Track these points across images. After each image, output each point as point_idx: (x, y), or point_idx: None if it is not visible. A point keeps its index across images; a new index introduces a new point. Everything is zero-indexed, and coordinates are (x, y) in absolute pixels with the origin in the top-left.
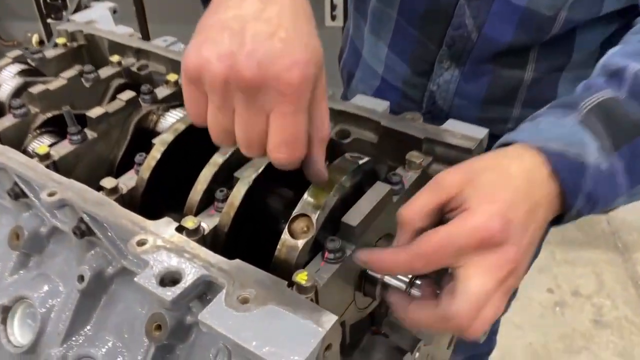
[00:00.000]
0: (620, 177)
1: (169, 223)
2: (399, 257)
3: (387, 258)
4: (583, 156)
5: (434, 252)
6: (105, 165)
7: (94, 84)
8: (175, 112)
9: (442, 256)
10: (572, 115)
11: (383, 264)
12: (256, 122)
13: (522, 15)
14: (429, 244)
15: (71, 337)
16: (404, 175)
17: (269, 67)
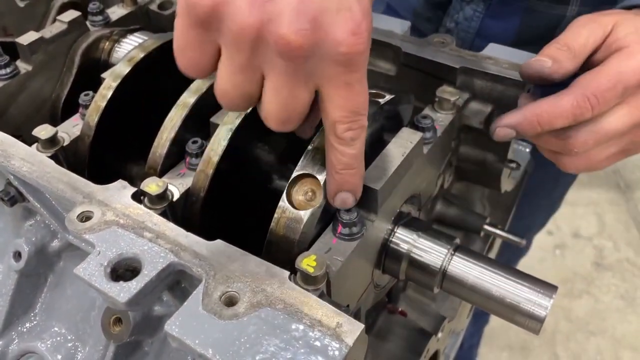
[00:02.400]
0: None
1: (123, 188)
2: (563, 103)
3: (547, 109)
4: None
5: (605, 92)
6: (47, 108)
7: (30, 2)
8: (133, 37)
9: (612, 96)
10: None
11: (543, 118)
12: (301, 93)
13: None
14: (598, 83)
15: (11, 328)
16: (435, 117)
17: (327, 29)
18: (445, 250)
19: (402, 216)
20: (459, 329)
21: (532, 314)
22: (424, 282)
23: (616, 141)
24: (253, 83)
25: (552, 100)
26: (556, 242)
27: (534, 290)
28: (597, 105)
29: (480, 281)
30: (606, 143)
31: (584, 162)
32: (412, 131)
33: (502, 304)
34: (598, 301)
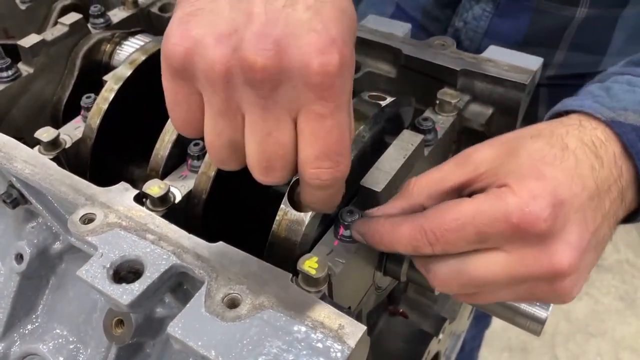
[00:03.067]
0: None
1: (126, 190)
2: (402, 229)
3: (388, 231)
4: (623, 105)
5: (449, 231)
6: (48, 110)
7: (31, 5)
8: (135, 40)
9: (458, 238)
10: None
11: (383, 237)
12: (278, 131)
13: None
14: (444, 217)
15: (13, 330)
16: (436, 119)
17: (292, 50)
18: None
19: None
20: (460, 331)
21: (533, 316)
22: (425, 284)
23: (501, 290)
24: (236, 128)
25: (394, 222)
26: None
27: None
28: (437, 244)
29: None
30: (481, 290)
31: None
32: (413, 133)
33: (503, 305)
34: (598, 302)
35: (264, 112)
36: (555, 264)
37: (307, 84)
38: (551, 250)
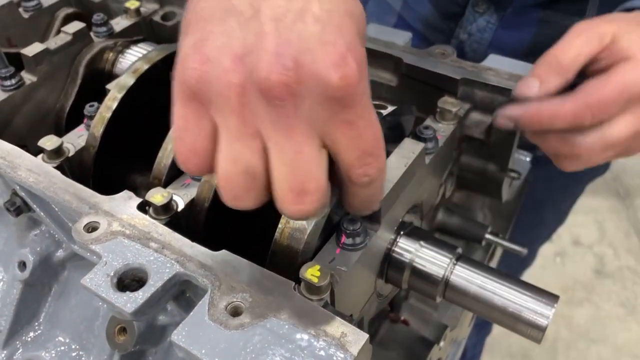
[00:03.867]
0: None
1: (129, 198)
2: (565, 108)
3: (549, 110)
4: None
5: (607, 102)
6: (51, 118)
7: (34, 14)
8: (137, 48)
9: (614, 106)
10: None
11: (543, 118)
12: (308, 150)
13: None
14: (601, 92)
15: (15, 338)
16: (437, 127)
17: (309, 66)
18: (448, 260)
19: (405, 226)
20: (461, 338)
21: (534, 323)
22: (426, 291)
23: (616, 147)
24: (254, 153)
25: (555, 102)
26: (557, 250)
27: (536, 299)
28: (598, 114)
29: (483, 290)
30: (608, 149)
31: (583, 164)
32: (414, 142)
33: (504, 313)
34: (599, 309)
35: (290, 131)
36: None
37: (330, 98)
38: None
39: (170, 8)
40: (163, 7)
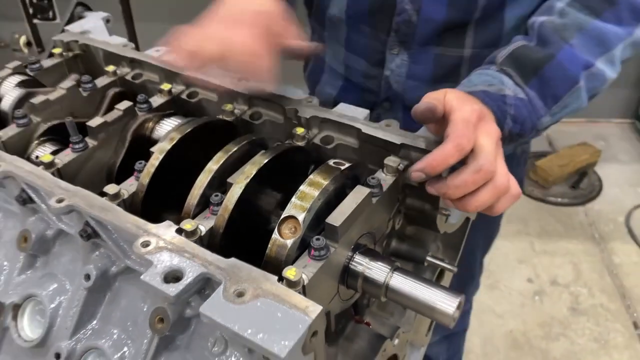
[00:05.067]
0: (536, 101)
1: (170, 226)
2: (447, 148)
3: (438, 155)
4: (503, 90)
5: (465, 132)
6: (105, 171)
7: (91, 93)
8: (169, 120)
9: (470, 132)
10: (492, 66)
11: (438, 160)
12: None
13: None
14: (458, 128)
15: (79, 331)
16: (382, 178)
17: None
18: (388, 270)
19: (360, 246)
20: (419, 344)
21: (445, 311)
22: (374, 293)
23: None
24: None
25: (440, 148)
26: (536, 289)
27: (447, 295)
28: (469, 142)
29: (411, 290)
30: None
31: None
32: (364, 188)
33: (425, 305)
34: (574, 343)
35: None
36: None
37: None
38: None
39: (193, 89)
40: (188, 88)
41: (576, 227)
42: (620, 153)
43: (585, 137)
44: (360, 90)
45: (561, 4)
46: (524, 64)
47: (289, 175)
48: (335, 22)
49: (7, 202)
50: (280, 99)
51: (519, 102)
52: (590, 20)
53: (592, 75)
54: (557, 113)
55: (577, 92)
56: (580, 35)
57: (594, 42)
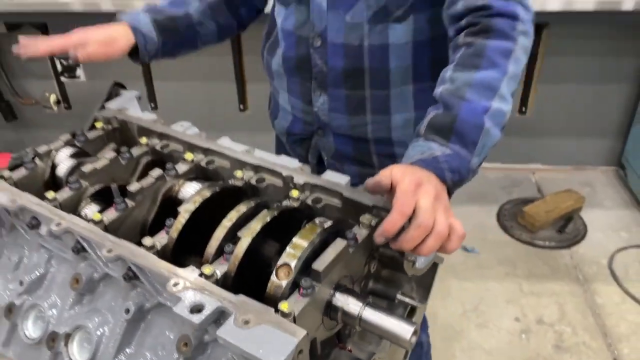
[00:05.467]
0: (461, 152)
1: (193, 270)
2: (393, 216)
3: (389, 223)
4: (433, 153)
5: (405, 200)
6: (139, 226)
7: (128, 161)
8: (192, 184)
9: (410, 200)
10: (420, 139)
11: (390, 228)
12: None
13: (344, 49)
14: (399, 198)
15: (119, 355)
16: (357, 232)
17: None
18: (361, 305)
19: (340, 286)
20: None
21: (403, 337)
22: (350, 323)
23: (435, 211)
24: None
25: (389, 217)
26: (522, 328)
27: (405, 324)
28: (409, 206)
29: (378, 320)
30: (435, 208)
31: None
32: (342, 240)
33: (388, 332)
34: None
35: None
36: (432, 189)
37: None
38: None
39: (211, 157)
40: (207, 156)
41: (562, 269)
42: (605, 199)
43: (572, 184)
44: (302, 122)
45: (449, 72)
46: (440, 128)
47: (286, 229)
48: (279, 75)
49: (62, 251)
50: (280, 168)
51: (449, 157)
52: (473, 76)
53: (493, 115)
54: (480, 153)
55: (487, 132)
56: (471, 90)
57: (483, 90)
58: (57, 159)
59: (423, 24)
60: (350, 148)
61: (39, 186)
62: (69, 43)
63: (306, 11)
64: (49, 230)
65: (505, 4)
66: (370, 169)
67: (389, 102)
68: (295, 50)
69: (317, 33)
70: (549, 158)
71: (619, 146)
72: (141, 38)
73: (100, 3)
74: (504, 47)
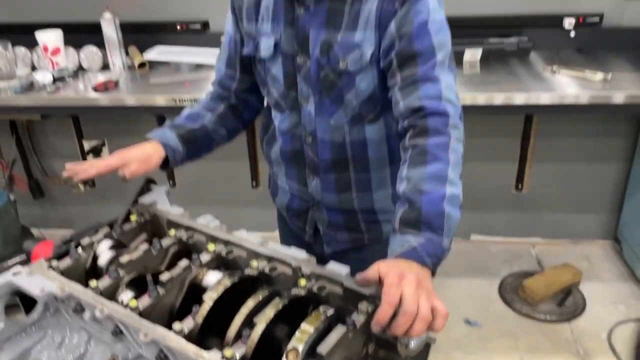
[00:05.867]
0: (433, 237)
1: (217, 353)
2: (383, 308)
3: (381, 314)
4: (411, 245)
5: (392, 292)
6: (168, 310)
7: (158, 252)
8: (214, 272)
9: (395, 291)
10: (397, 234)
11: (382, 318)
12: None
13: (331, 144)
14: (386, 291)
15: None
16: (356, 319)
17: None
18: None
19: None
20: None
21: None
22: None
23: (419, 299)
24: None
25: (380, 308)
26: None
27: None
28: (396, 297)
29: None
30: (418, 296)
31: (419, 323)
32: (342, 327)
33: None
34: None
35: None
36: (414, 279)
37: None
38: (410, 277)
39: (230, 247)
40: (227, 247)
41: (562, 343)
42: (603, 272)
43: (570, 257)
44: (299, 199)
45: (404, 172)
46: (410, 222)
47: (295, 314)
48: (278, 163)
49: (100, 332)
50: (290, 259)
51: (424, 245)
52: (424, 171)
53: (450, 200)
54: (448, 234)
55: (449, 216)
56: (426, 183)
57: (435, 180)
58: (98, 250)
59: (391, 121)
60: (341, 218)
61: (81, 274)
62: (112, 164)
63: (298, 116)
64: (92, 315)
65: (437, 104)
66: (359, 233)
67: (370, 182)
68: (291, 145)
69: (308, 132)
70: (547, 232)
71: (614, 220)
72: (171, 151)
73: (125, 99)
74: (441, 142)
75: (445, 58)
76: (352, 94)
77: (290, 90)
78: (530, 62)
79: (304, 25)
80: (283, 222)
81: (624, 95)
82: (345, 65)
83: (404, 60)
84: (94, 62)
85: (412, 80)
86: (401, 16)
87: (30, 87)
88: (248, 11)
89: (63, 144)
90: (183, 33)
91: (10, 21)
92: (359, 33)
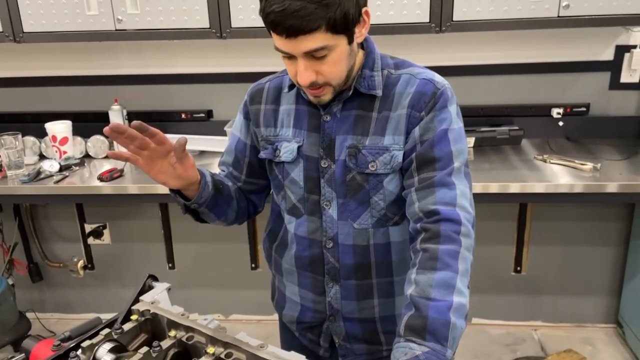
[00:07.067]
0: (436, 347)
1: None
2: None
3: None
4: (414, 352)
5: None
6: None
7: (158, 354)
8: None
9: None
10: (402, 340)
11: None
12: None
13: (353, 248)
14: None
15: None
16: None
17: None
18: None
19: None
20: None
21: None
22: None
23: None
24: None
25: None
26: None
27: None
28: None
29: None
30: None
31: None
32: None
33: None
34: None
35: None
36: None
37: None
38: None
39: (230, 350)
40: (226, 349)
41: None
42: (607, 358)
43: (573, 341)
44: (312, 311)
45: (413, 275)
46: (415, 329)
47: None
48: (289, 271)
49: None
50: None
51: (427, 354)
52: (433, 277)
53: (456, 309)
54: (452, 346)
55: (454, 326)
56: (434, 290)
57: (443, 288)
58: (97, 353)
59: None
60: (359, 329)
61: None
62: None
63: (318, 220)
64: None
65: (451, 210)
66: (378, 346)
67: (393, 287)
68: (309, 251)
69: (329, 237)
70: (548, 315)
71: (615, 304)
72: (204, 182)
73: (127, 188)
74: (452, 250)
75: (462, 165)
76: (379, 196)
77: (311, 194)
78: (522, 149)
79: (330, 131)
80: (289, 335)
81: (616, 184)
82: (375, 168)
83: (424, 163)
84: (100, 151)
85: (429, 183)
86: (425, 123)
87: (37, 176)
88: (266, 117)
89: (65, 227)
90: (187, 121)
91: (21, 110)
92: (387, 137)
